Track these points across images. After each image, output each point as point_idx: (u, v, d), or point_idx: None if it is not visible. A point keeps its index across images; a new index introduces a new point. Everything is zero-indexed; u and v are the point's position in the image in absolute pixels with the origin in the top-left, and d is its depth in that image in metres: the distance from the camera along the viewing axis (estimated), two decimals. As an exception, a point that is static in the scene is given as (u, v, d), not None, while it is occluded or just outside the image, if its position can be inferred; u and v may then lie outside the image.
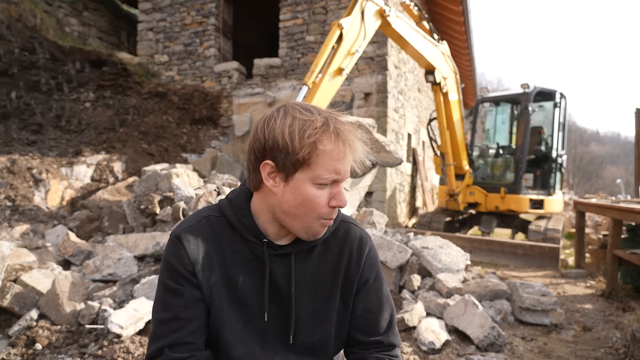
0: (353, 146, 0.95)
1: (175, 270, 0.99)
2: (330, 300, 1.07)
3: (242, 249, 1.03)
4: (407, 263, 3.87)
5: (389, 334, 1.12)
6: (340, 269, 1.08)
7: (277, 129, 0.92)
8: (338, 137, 0.92)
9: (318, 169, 0.92)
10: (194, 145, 7.67)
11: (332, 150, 0.92)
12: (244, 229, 1.02)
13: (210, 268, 1.01)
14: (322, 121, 0.93)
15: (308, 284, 1.06)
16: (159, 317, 0.99)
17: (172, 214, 3.81)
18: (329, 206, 0.95)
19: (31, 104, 7.17)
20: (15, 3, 8.40)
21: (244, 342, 1.02)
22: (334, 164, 0.92)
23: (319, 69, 4.19)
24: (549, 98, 7.94)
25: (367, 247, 1.12)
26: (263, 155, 0.95)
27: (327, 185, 0.94)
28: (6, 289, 2.78)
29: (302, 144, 0.90)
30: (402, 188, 9.21)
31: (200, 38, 8.94)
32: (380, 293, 1.13)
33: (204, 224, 1.04)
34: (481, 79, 46.12)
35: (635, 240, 4.75)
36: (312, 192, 0.93)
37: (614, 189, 25.98)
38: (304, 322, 1.05)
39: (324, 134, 0.91)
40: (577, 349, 3.06)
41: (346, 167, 0.94)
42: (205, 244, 1.01)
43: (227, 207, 1.05)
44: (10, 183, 5.29)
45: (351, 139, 0.94)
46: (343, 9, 7.73)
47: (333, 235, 1.09)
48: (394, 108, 8.21)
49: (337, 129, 0.93)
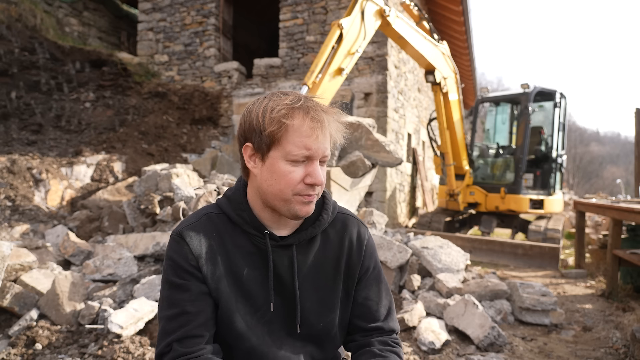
0: (324, 123, 0.96)
1: (180, 266, 1.00)
2: (333, 289, 1.09)
3: (244, 242, 1.05)
4: (407, 263, 3.86)
5: (389, 320, 1.14)
6: (341, 259, 1.10)
7: (253, 112, 0.98)
8: (307, 114, 0.94)
9: (288, 145, 0.94)
10: (194, 145, 7.67)
11: (300, 126, 0.94)
12: (244, 223, 1.04)
13: (214, 262, 1.02)
14: (292, 99, 0.96)
15: (311, 274, 1.07)
16: (166, 314, 0.99)
17: (172, 214, 3.81)
18: (305, 183, 0.96)
19: (31, 104, 7.17)
20: (15, 3, 8.41)
21: (255, 333, 1.03)
22: (303, 140, 0.94)
23: (319, 69, 4.19)
24: (549, 98, 7.94)
25: (366, 237, 1.15)
26: (244, 139, 1.00)
27: (301, 162, 0.96)
28: (6, 289, 2.78)
29: (271, 120, 0.94)
30: (402, 188, 9.21)
31: (200, 38, 8.94)
32: (379, 280, 1.16)
33: (204, 220, 1.05)
34: (481, 79, 46.13)
35: (635, 240, 4.75)
36: (285, 168, 0.95)
37: (614, 189, 25.97)
38: (309, 311, 1.06)
39: (292, 110, 0.94)
40: (577, 349, 3.06)
41: (318, 144, 0.95)
42: (207, 239, 1.03)
43: (225, 205, 1.07)
44: (10, 183, 5.29)
45: (322, 116, 0.96)
46: (343, 9, 7.73)
47: (332, 226, 1.12)
48: (394, 108, 8.21)
49: (306, 106, 0.95)
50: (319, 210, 1.10)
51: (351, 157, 4.81)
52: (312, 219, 1.08)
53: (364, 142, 4.98)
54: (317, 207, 1.09)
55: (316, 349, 1.10)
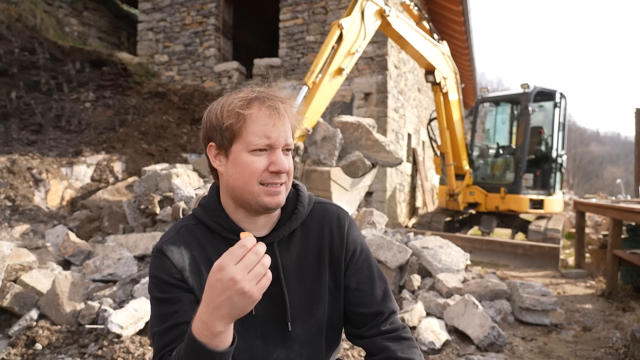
0: (281, 111, 0.97)
1: (164, 281, 0.99)
2: (319, 280, 1.08)
3: (225, 248, 1.03)
4: (407, 263, 3.86)
5: (387, 301, 1.13)
6: (324, 248, 1.10)
7: (212, 110, 1.00)
8: (263, 103, 0.96)
9: (249, 136, 0.95)
10: (194, 145, 7.67)
11: (257, 115, 0.95)
12: (222, 229, 1.04)
13: (199, 273, 1.01)
14: (248, 92, 0.98)
15: (295, 269, 1.07)
16: (159, 329, 0.96)
17: (172, 214, 3.81)
18: (269, 171, 0.97)
19: (31, 104, 7.17)
20: (15, 3, 8.41)
21: (244, 338, 1.02)
22: (262, 129, 0.95)
23: (319, 69, 4.19)
24: (549, 98, 7.94)
25: (346, 223, 1.13)
26: (208, 140, 1.01)
27: (263, 152, 0.96)
28: (6, 289, 2.78)
29: (228, 114, 0.95)
30: (402, 188, 9.21)
31: (200, 38, 8.94)
32: (369, 263, 1.14)
33: (183, 233, 1.04)
34: (481, 79, 46.13)
35: (635, 240, 4.75)
36: (247, 159, 0.96)
37: (614, 189, 25.97)
38: (299, 305, 1.06)
39: (248, 101, 0.96)
40: (577, 349, 3.06)
41: (278, 132, 0.96)
42: (188, 250, 1.02)
43: (201, 213, 1.07)
44: (10, 183, 5.29)
45: (278, 105, 0.97)
46: (343, 9, 7.73)
47: (310, 217, 1.11)
48: (394, 108, 8.21)
49: (262, 97, 0.97)
50: (294, 203, 1.09)
51: (351, 157, 4.81)
52: (289, 214, 1.08)
53: (364, 142, 4.98)
54: (291, 201, 1.09)
55: (314, 351, 1.08)
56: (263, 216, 1.04)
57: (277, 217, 1.07)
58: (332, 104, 7.52)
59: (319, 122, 4.67)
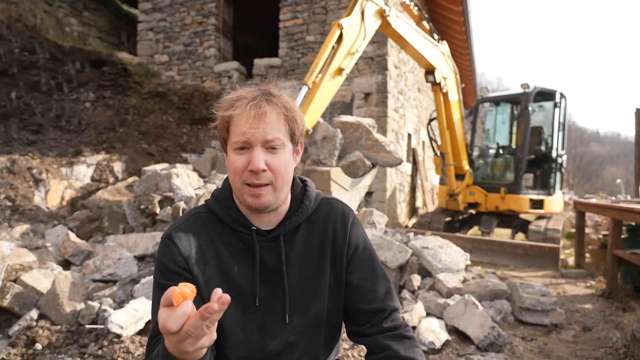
0: (263, 108, 0.96)
1: (168, 268, 1.00)
2: (320, 274, 1.09)
3: (233, 240, 1.06)
4: (407, 263, 3.86)
5: (389, 299, 1.12)
6: (326, 243, 1.10)
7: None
8: (247, 103, 0.97)
9: (233, 135, 0.98)
10: (194, 145, 7.67)
11: (239, 115, 0.97)
12: (231, 221, 1.05)
13: (205, 262, 1.02)
14: (238, 93, 1.00)
15: (297, 262, 1.08)
16: (156, 316, 0.98)
17: (172, 214, 3.81)
18: (248, 170, 0.97)
19: (31, 104, 7.17)
20: (15, 3, 8.41)
21: (244, 329, 1.04)
22: (241, 127, 0.96)
23: (319, 69, 4.19)
24: (549, 98, 7.94)
25: (350, 219, 1.14)
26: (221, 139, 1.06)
27: (244, 150, 0.97)
28: (6, 289, 2.78)
29: (218, 115, 1.00)
30: (402, 188, 9.21)
31: (200, 38, 8.94)
32: (372, 260, 1.14)
33: (193, 221, 1.06)
34: (481, 79, 46.15)
35: (635, 240, 4.75)
36: (232, 157, 0.99)
37: (614, 189, 25.98)
38: (298, 298, 1.07)
39: (233, 102, 0.98)
40: (577, 349, 3.06)
41: (255, 129, 0.95)
42: (196, 239, 1.03)
43: (213, 203, 1.09)
44: (10, 183, 5.29)
45: (261, 103, 0.97)
46: (343, 9, 7.73)
47: (316, 212, 1.12)
48: (394, 108, 8.21)
49: (249, 96, 0.98)
50: (300, 198, 1.11)
51: (351, 157, 4.81)
52: (295, 207, 1.09)
53: (364, 142, 4.98)
54: (299, 196, 1.11)
55: (311, 345, 1.09)
56: (266, 214, 1.05)
57: (284, 212, 1.08)
58: (332, 104, 7.52)
59: (319, 122, 4.67)
